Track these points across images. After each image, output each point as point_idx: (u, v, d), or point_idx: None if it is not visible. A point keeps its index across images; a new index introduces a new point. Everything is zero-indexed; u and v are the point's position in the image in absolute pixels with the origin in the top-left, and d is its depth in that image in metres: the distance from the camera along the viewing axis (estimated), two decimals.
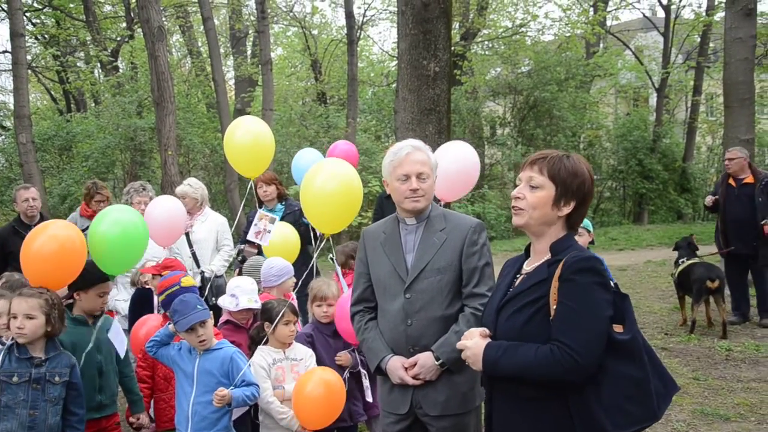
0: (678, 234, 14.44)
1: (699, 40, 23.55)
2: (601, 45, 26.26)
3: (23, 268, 3.69)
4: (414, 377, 3.24)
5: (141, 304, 5.22)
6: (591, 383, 2.32)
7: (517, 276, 2.64)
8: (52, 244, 3.68)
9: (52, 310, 3.57)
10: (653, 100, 26.09)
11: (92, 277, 4.05)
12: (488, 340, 2.51)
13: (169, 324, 4.00)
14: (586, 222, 5.95)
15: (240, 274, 5.75)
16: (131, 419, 4.35)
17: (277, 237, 5.41)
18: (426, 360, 3.22)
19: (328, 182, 4.20)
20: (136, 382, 4.41)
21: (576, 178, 2.51)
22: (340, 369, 4.46)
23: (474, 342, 2.51)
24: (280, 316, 4.14)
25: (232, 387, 3.82)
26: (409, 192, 3.29)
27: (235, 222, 6.26)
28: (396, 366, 3.28)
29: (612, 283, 2.41)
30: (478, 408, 3.33)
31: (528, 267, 2.61)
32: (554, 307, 2.38)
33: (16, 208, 6.67)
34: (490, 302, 2.69)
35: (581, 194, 2.52)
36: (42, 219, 6.73)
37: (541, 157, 2.55)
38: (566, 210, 2.52)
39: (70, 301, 4.09)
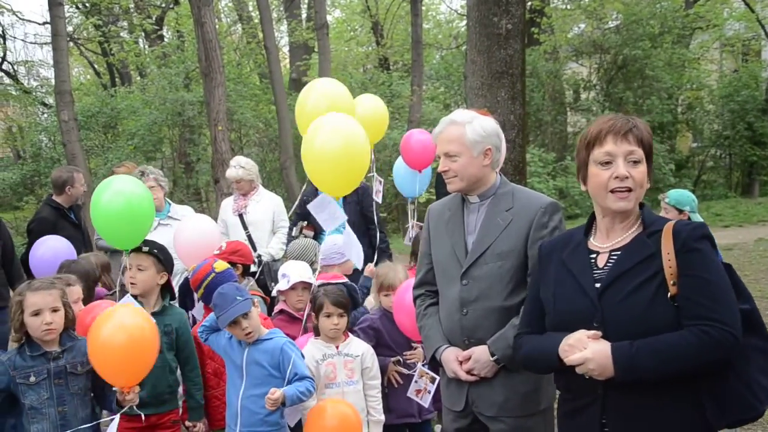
0: None
1: None
2: None
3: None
4: (468, 372, 3.19)
5: (184, 295, 5.27)
6: None
7: (592, 256, 2.55)
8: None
9: (66, 299, 3.63)
10: (766, 53, 24.99)
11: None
12: (604, 341, 2.37)
13: None
14: (686, 197, 5.70)
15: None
16: (187, 423, 4.42)
17: (368, 110, 5.61)
18: (481, 354, 3.16)
19: (330, 140, 4.12)
20: (199, 388, 4.41)
21: (651, 139, 2.49)
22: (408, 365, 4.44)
23: (595, 349, 2.35)
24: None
25: (284, 386, 3.80)
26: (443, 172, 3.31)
27: (297, 202, 6.21)
28: (450, 358, 3.25)
29: None
30: (546, 411, 3.24)
31: (605, 244, 2.53)
32: (672, 282, 2.32)
33: (69, 191, 6.64)
34: (572, 293, 2.54)
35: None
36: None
37: (632, 126, 2.45)
38: (650, 180, 2.49)
39: None
